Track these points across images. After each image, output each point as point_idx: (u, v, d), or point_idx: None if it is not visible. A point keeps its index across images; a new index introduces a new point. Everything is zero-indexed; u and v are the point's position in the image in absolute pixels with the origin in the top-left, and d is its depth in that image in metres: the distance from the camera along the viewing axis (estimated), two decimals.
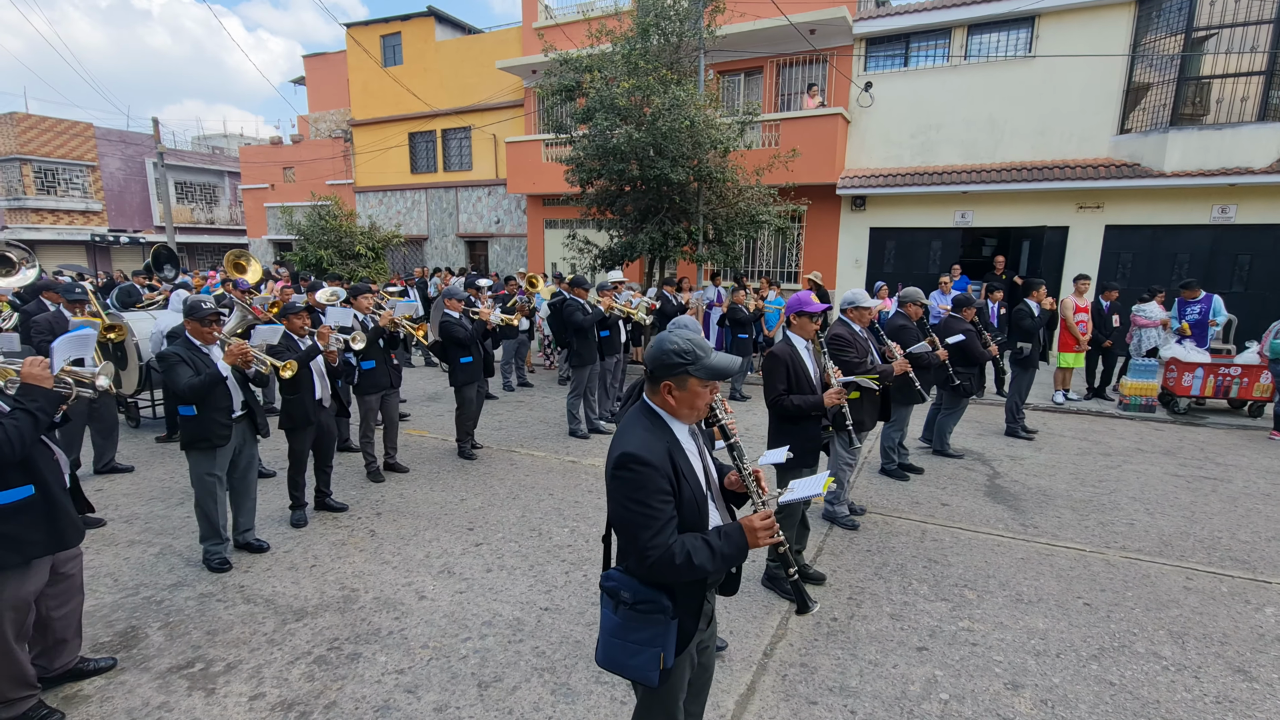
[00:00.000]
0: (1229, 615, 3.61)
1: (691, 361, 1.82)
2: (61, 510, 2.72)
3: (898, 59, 12.48)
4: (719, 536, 1.81)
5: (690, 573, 1.75)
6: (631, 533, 1.78)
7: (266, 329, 4.35)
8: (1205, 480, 5.76)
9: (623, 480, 1.78)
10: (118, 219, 26.62)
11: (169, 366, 3.77)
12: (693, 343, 1.84)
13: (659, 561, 1.74)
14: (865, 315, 4.65)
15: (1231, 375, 7.56)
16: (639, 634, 1.85)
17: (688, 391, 1.85)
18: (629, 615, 1.85)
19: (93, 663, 3.07)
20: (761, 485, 1.97)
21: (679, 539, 1.77)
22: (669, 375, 1.84)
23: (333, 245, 15.12)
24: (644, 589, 1.84)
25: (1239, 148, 9.94)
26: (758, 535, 1.81)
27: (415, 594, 3.81)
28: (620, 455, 1.80)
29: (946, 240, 12.39)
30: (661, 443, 1.83)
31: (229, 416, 3.95)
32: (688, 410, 1.88)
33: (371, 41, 18.42)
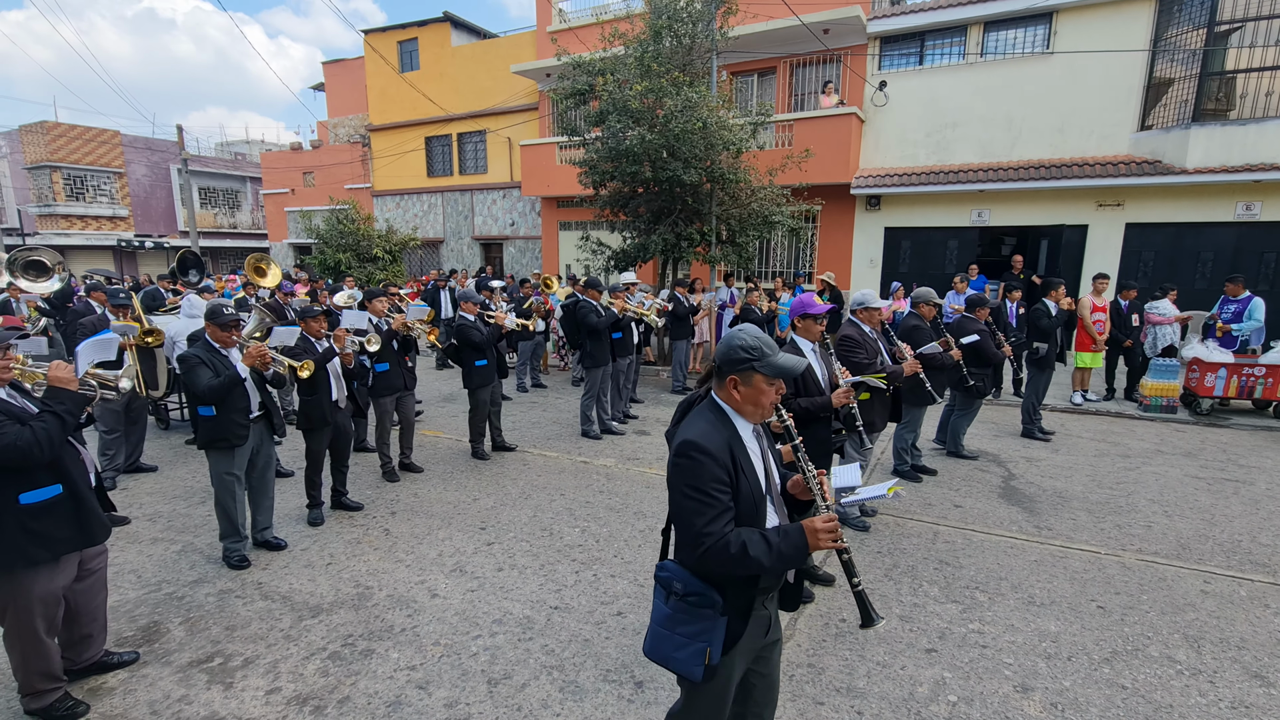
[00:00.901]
0: (1247, 619, 3.55)
1: (758, 358, 1.84)
2: (89, 508, 2.81)
3: (912, 58, 12.38)
4: (778, 534, 1.79)
5: (744, 565, 1.73)
6: (687, 519, 1.78)
7: (284, 330, 4.45)
8: (1227, 482, 5.65)
9: (680, 467, 1.80)
10: (144, 224, 27.23)
11: (189, 368, 3.87)
12: (760, 340, 1.86)
13: (712, 549, 1.74)
14: (875, 316, 4.64)
15: (1256, 375, 7.40)
16: (687, 627, 1.86)
17: (753, 388, 1.87)
18: (678, 606, 1.87)
19: (116, 656, 3.15)
20: (825, 489, 1.95)
21: (735, 530, 1.77)
22: (735, 370, 1.87)
23: (351, 248, 15.34)
24: (695, 581, 1.85)
25: (1264, 143, 9.72)
26: (819, 537, 1.77)
27: (428, 592, 3.87)
28: (680, 443, 1.82)
29: (963, 239, 12.27)
30: (722, 435, 1.84)
31: (247, 417, 4.05)
32: (752, 407, 1.89)
33: (389, 47, 18.67)
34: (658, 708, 2.86)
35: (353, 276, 13.55)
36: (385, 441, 5.79)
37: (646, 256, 10.11)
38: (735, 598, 1.85)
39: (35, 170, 25.00)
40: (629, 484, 5.67)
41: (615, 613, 3.63)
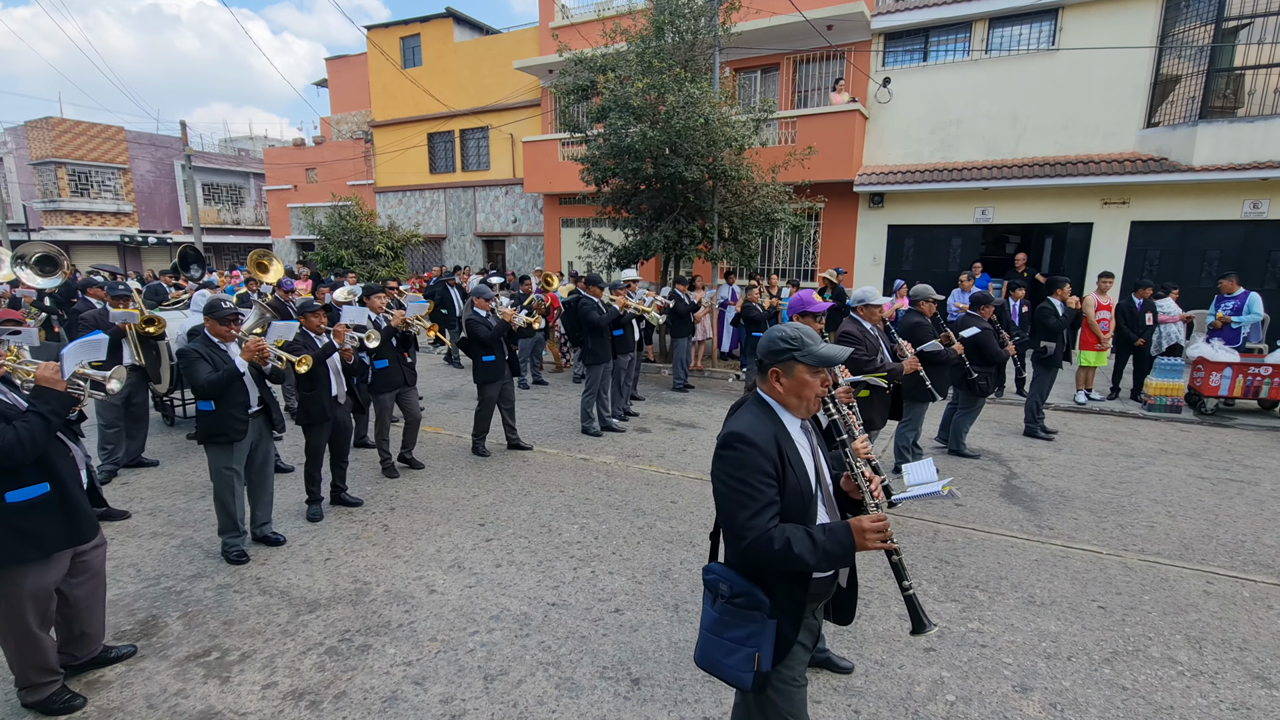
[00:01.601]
0: (1250, 620, 3.52)
1: (798, 348, 1.81)
2: (77, 506, 2.79)
3: (916, 54, 12.32)
4: (824, 532, 1.73)
5: (788, 560, 1.68)
6: (730, 512, 1.74)
7: (282, 325, 4.45)
8: (1231, 483, 5.61)
9: (725, 459, 1.77)
10: (148, 220, 27.30)
11: (189, 363, 3.87)
12: (800, 330, 1.84)
13: (755, 543, 1.69)
14: (876, 313, 4.62)
15: (1262, 375, 7.35)
16: (734, 631, 1.80)
17: (795, 379, 1.83)
18: (725, 609, 1.82)
19: (115, 650, 3.15)
20: (875, 487, 1.89)
21: (780, 525, 1.72)
22: (776, 362, 1.84)
23: (353, 245, 15.37)
24: (741, 580, 1.80)
25: (1272, 141, 9.65)
26: (867, 536, 1.71)
27: (425, 588, 3.86)
28: (725, 435, 1.80)
29: (967, 237, 12.21)
30: (768, 428, 1.80)
31: (245, 412, 4.05)
32: (795, 399, 1.85)
33: (391, 43, 18.66)
34: (654, 705, 2.85)
35: (354, 273, 13.57)
36: (385, 438, 5.79)
37: (648, 254, 10.08)
38: (784, 599, 1.79)
39: (40, 166, 25.08)
40: (629, 481, 5.66)
41: (613, 610, 3.62)
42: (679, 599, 3.73)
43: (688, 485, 5.56)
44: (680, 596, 3.76)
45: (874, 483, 1.90)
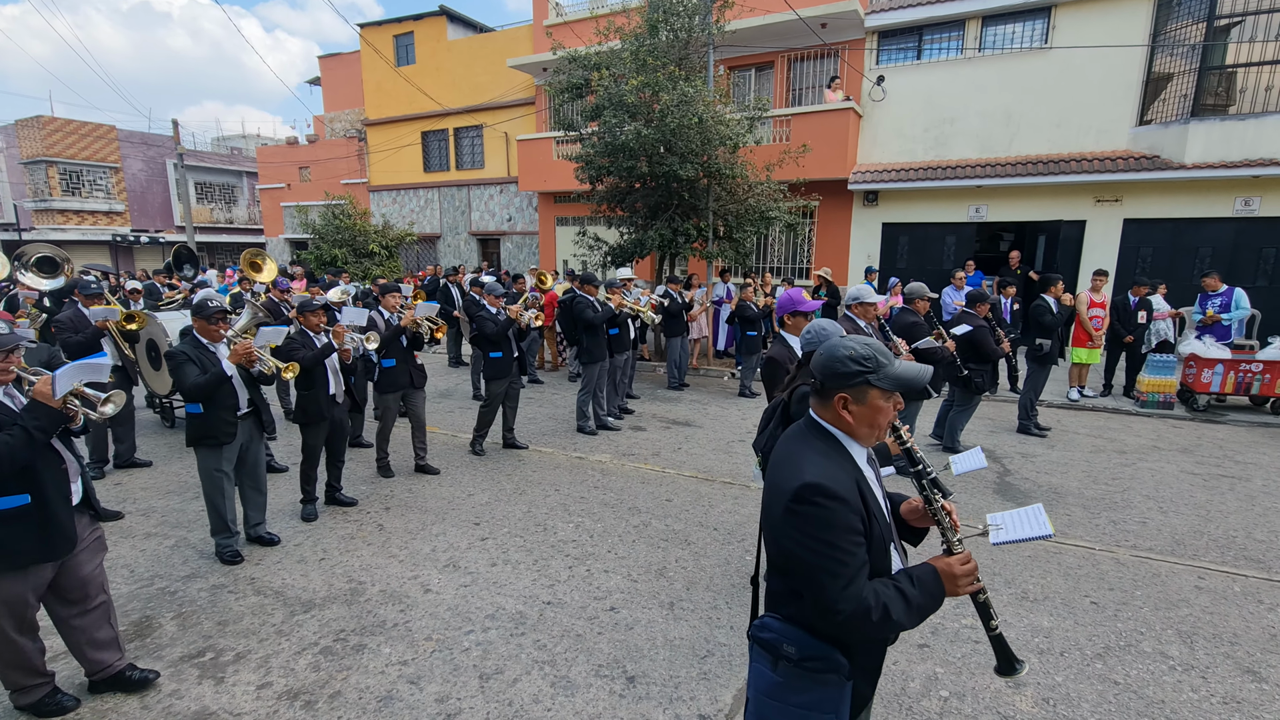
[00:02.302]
0: (1240, 615, 3.55)
1: (873, 370, 1.54)
2: (55, 521, 2.68)
3: (910, 52, 12.33)
4: (911, 584, 1.52)
5: (885, 629, 1.48)
6: (818, 582, 1.48)
7: (270, 330, 4.41)
8: (1223, 478, 5.65)
9: (804, 517, 1.48)
10: (140, 219, 27.14)
11: (176, 365, 3.85)
12: (872, 348, 1.57)
13: (853, 617, 1.45)
14: (870, 311, 4.63)
15: (1253, 371, 7.40)
16: (805, 696, 1.58)
17: (867, 406, 1.57)
18: (793, 674, 1.58)
19: (140, 674, 3.00)
20: (954, 521, 1.65)
21: (870, 588, 1.49)
22: (845, 386, 1.56)
23: (347, 244, 15.32)
24: (814, 643, 1.56)
25: (1263, 138, 9.70)
26: (958, 583, 1.53)
27: (421, 587, 3.86)
28: (801, 487, 1.49)
29: (961, 235, 12.24)
30: (847, 472, 1.55)
31: (234, 414, 4.04)
32: (867, 429, 1.59)
33: (384, 41, 18.58)
34: (649, 703, 2.86)
35: (348, 272, 13.53)
36: (385, 438, 5.74)
37: (643, 252, 10.08)
38: (865, 658, 1.62)
39: (31, 165, 24.89)
40: (624, 479, 5.66)
41: (608, 608, 3.62)
42: (674, 597, 3.74)
43: (683, 483, 5.56)
44: (675, 594, 3.76)
45: (954, 516, 1.65)
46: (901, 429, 1.72)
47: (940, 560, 1.58)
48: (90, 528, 2.95)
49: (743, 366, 8.97)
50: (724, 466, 5.99)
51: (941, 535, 1.65)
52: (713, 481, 5.61)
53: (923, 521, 1.77)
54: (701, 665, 3.12)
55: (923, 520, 1.76)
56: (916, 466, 1.68)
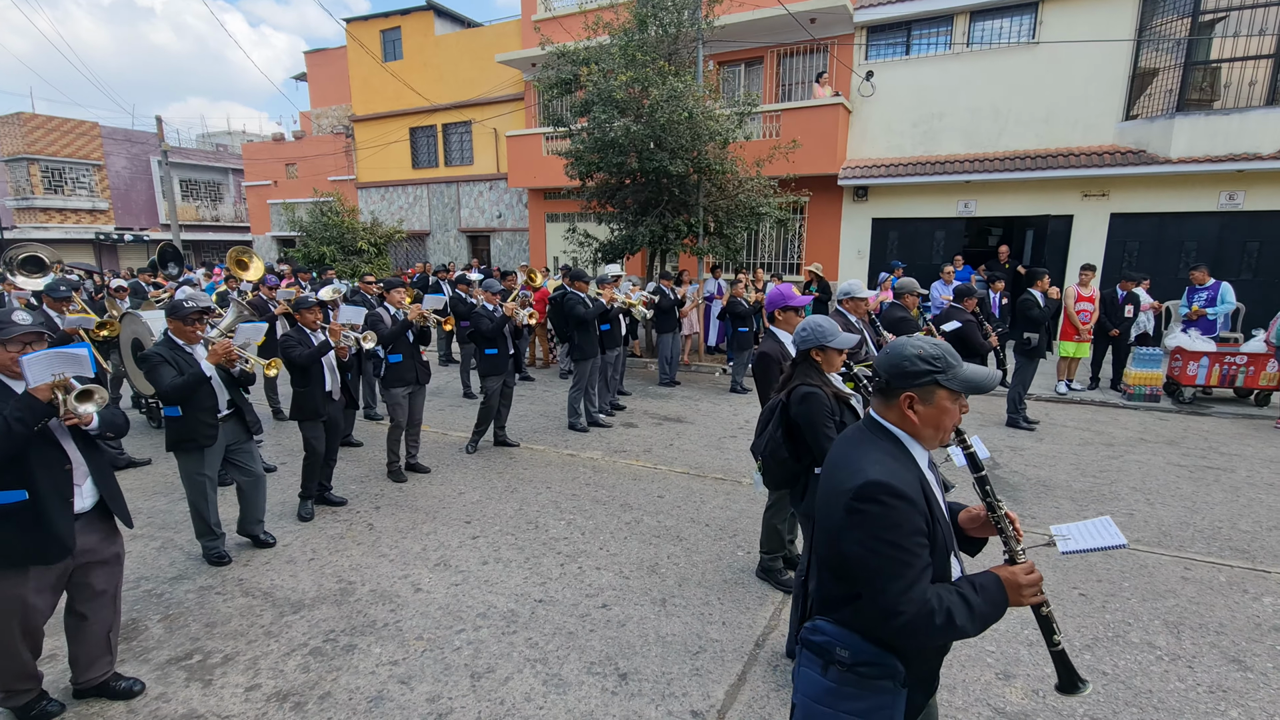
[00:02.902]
0: (1226, 605, 3.59)
1: (942, 370, 1.52)
2: (46, 523, 2.57)
3: (899, 47, 12.35)
4: (974, 590, 1.48)
5: (947, 635, 1.44)
6: (878, 584, 1.44)
7: (249, 327, 4.34)
8: (1208, 470, 5.71)
9: (869, 516, 1.45)
10: (124, 217, 26.80)
11: (151, 367, 3.74)
12: (941, 348, 1.56)
13: (914, 620, 1.41)
14: (861, 306, 4.64)
15: (1238, 364, 7.48)
16: (857, 703, 1.53)
17: (934, 407, 1.54)
18: (845, 679, 1.54)
19: (125, 683, 2.94)
20: (1017, 529, 1.61)
21: (933, 591, 1.45)
22: (913, 386, 1.54)
23: (335, 241, 15.17)
24: (869, 647, 1.52)
25: (1247, 133, 9.79)
26: (1022, 593, 1.49)
27: (411, 586, 3.84)
28: (864, 485, 1.45)
29: (950, 230, 12.29)
30: (911, 471, 1.52)
31: (214, 416, 3.93)
32: (932, 430, 1.56)
33: (371, 36, 18.41)
34: (641, 699, 2.85)
35: (335, 269, 13.43)
36: (397, 438, 5.60)
37: (634, 248, 10.06)
38: (921, 666, 1.57)
39: (12, 163, 24.52)
40: (616, 476, 5.65)
41: (600, 605, 3.61)
42: (666, 593, 3.73)
43: (675, 480, 5.56)
44: (668, 591, 3.76)
45: (1017, 525, 1.61)
46: (965, 433, 1.66)
47: (1004, 569, 1.54)
48: (106, 540, 2.83)
49: (734, 362, 8.98)
50: (716, 463, 5.99)
51: (1004, 544, 1.60)
52: (704, 478, 5.61)
53: (982, 531, 1.72)
54: (694, 661, 3.12)
55: (982, 529, 1.72)
56: (979, 471, 1.64)
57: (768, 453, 2.78)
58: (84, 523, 2.74)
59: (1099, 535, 1.74)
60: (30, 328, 2.64)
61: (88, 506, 2.75)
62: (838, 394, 2.71)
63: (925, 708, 1.64)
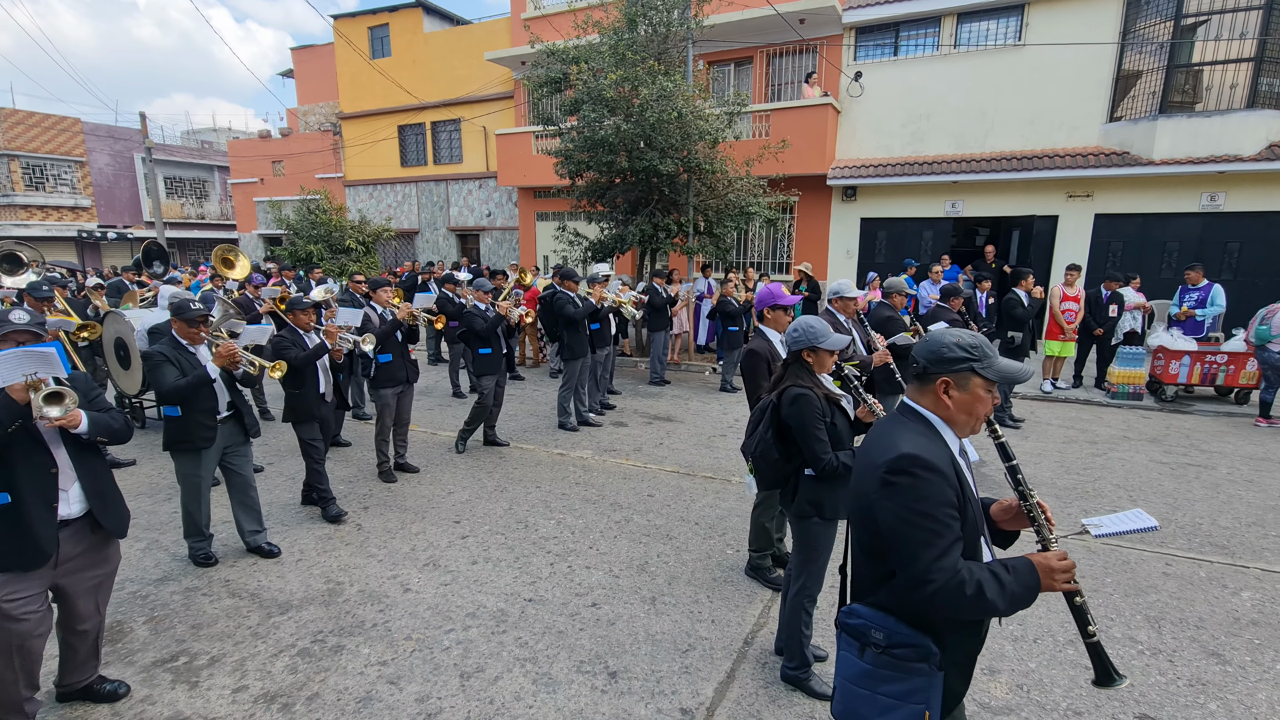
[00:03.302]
0: (1206, 600, 3.65)
1: (979, 359, 1.58)
2: (25, 528, 2.48)
3: (887, 48, 12.44)
4: (1006, 570, 1.51)
5: (977, 609, 1.47)
6: (910, 552, 1.48)
7: (255, 329, 4.31)
8: (1190, 467, 5.80)
9: (900, 488, 1.49)
10: (107, 215, 26.43)
11: (154, 366, 3.72)
12: (978, 338, 1.62)
13: (944, 589, 1.44)
14: (850, 305, 4.67)
15: (1218, 363, 7.60)
16: (893, 685, 1.57)
17: (969, 393, 1.60)
18: (881, 661, 1.58)
19: (110, 685, 2.89)
20: (1049, 518, 1.65)
21: (964, 564, 1.48)
22: (949, 371, 1.59)
23: (322, 239, 15.03)
24: (905, 629, 1.56)
25: (1228, 135, 9.95)
26: (1055, 577, 1.53)
27: (400, 586, 3.82)
28: (897, 458, 1.51)
29: (938, 230, 12.39)
30: (942, 449, 1.57)
31: (214, 418, 3.90)
32: (965, 417, 1.62)
33: (359, 33, 18.27)
34: (631, 698, 2.86)
35: (321, 268, 13.32)
36: (385, 438, 5.56)
37: (624, 247, 10.06)
38: (956, 649, 1.59)
39: None
40: (605, 475, 5.65)
41: (590, 604, 3.62)
42: (656, 592, 3.74)
43: (665, 479, 5.57)
44: (657, 589, 3.77)
45: (1049, 514, 1.66)
46: (996, 425, 1.71)
47: (1037, 555, 1.58)
48: (96, 549, 2.74)
49: (724, 362, 9.01)
50: (705, 461, 6.01)
51: (1036, 532, 1.64)
52: (694, 476, 5.63)
53: (1014, 523, 1.76)
54: (683, 659, 3.13)
55: (1014, 522, 1.75)
56: (1011, 461, 1.67)
57: (758, 453, 2.79)
58: (72, 530, 2.64)
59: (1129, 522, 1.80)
60: (25, 325, 2.61)
61: (75, 513, 2.65)
62: (829, 395, 2.73)
63: (962, 697, 1.66)
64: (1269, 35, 9.70)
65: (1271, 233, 10.23)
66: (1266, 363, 6.94)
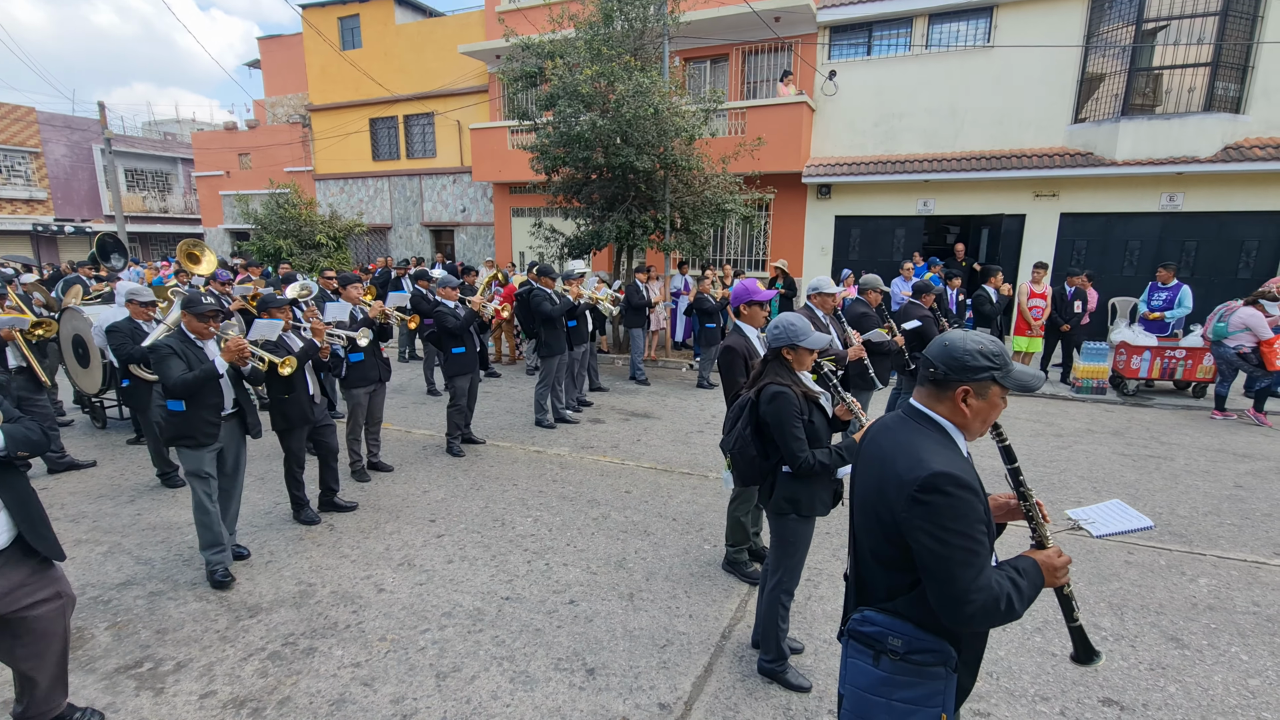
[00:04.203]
0: (1165, 587, 3.77)
1: (999, 367, 1.57)
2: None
3: (861, 48, 12.57)
4: (1019, 574, 1.55)
5: (1006, 618, 1.50)
6: (949, 573, 1.47)
7: (265, 324, 4.18)
8: (1150, 459, 5.99)
9: (935, 507, 1.48)
10: (64, 208, 25.49)
11: (160, 359, 3.61)
12: (1000, 346, 1.62)
13: (982, 609, 1.45)
14: (828, 301, 4.72)
15: (1177, 358, 7.86)
16: (911, 691, 1.58)
17: (987, 402, 1.59)
18: (898, 668, 1.59)
19: (79, 714, 2.69)
20: (1045, 516, 1.70)
21: (994, 578, 1.50)
22: (971, 380, 1.58)
23: (292, 234, 14.73)
24: (924, 636, 1.57)
25: (1186, 137, 10.26)
26: (1056, 574, 1.60)
27: (374, 587, 3.77)
28: (931, 475, 1.48)
29: (910, 228, 12.58)
30: (967, 463, 1.58)
31: (218, 414, 3.78)
32: (980, 424, 1.63)
33: (328, 24, 17.88)
34: (609, 694, 2.86)
35: (290, 264, 13.05)
36: (357, 437, 5.48)
37: (600, 244, 10.02)
38: (969, 650, 1.63)
39: None
40: (583, 472, 5.64)
41: (567, 601, 3.61)
42: (634, 588, 3.75)
43: (642, 475, 5.58)
44: (635, 585, 3.77)
45: (1044, 511, 1.71)
46: (1001, 427, 1.73)
47: (1038, 553, 1.62)
48: (36, 577, 2.44)
49: (701, 358, 9.04)
50: (683, 457, 6.03)
51: (1032, 529, 1.68)
52: (671, 472, 5.64)
53: (1006, 517, 1.81)
54: (661, 655, 3.14)
55: (1006, 516, 1.81)
56: (1013, 463, 1.69)
57: (736, 450, 2.80)
58: (3, 561, 2.36)
59: (1120, 518, 1.88)
60: None
61: (2, 543, 2.35)
62: (807, 393, 2.75)
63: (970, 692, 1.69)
64: (1224, 41, 10.03)
65: (1226, 232, 10.60)
66: (1222, 358, 7.19)
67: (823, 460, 2.64)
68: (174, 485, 5.30)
